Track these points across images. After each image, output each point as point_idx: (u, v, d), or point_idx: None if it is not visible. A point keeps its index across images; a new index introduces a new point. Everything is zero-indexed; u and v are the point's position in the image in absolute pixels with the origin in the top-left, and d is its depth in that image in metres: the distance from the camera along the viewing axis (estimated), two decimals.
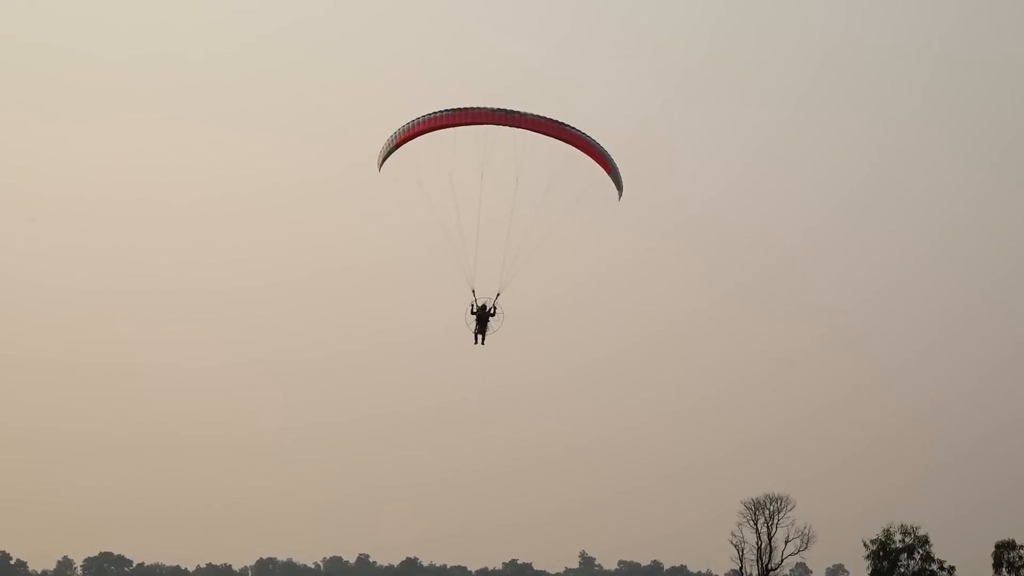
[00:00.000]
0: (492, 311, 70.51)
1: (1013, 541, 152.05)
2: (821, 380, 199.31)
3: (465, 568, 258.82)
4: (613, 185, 68.82)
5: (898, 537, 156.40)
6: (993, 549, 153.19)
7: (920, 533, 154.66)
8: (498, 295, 70.36)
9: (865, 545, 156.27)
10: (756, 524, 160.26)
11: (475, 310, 70.16)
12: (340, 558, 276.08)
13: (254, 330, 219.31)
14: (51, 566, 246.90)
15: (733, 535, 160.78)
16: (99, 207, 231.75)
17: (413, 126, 66.95)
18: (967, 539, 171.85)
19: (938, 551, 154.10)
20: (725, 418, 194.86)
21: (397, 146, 67.11)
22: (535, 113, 67.51)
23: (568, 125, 67.85)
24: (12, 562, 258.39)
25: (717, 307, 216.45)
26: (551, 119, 67.47)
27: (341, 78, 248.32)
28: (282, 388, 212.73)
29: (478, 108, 66.99)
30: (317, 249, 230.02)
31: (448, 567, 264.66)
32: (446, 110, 67.19)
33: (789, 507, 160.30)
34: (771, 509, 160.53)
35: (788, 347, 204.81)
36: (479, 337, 70.70)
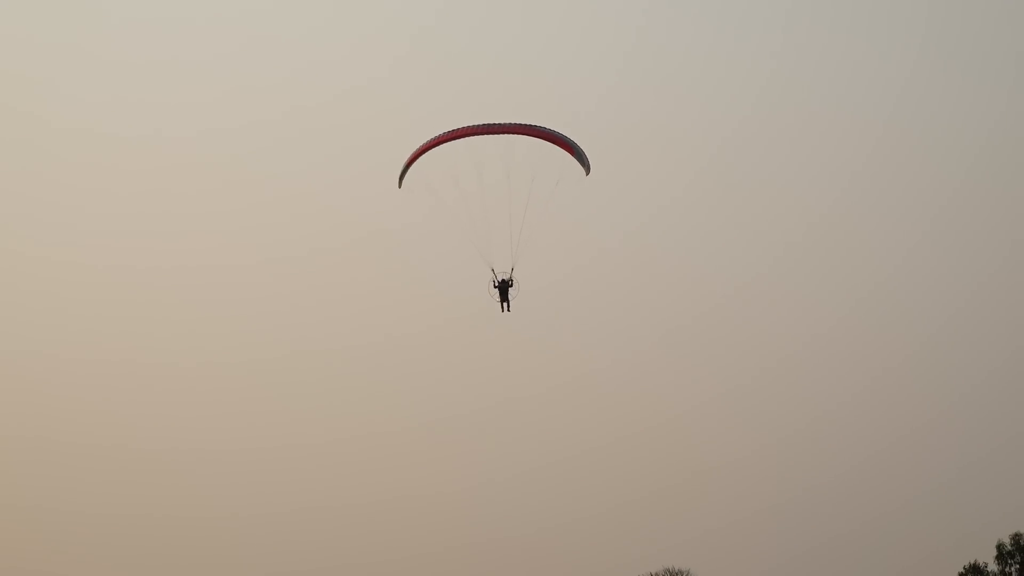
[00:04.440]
0: (510, 282, 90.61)
1: None
2: (721, 445, 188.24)
3: None
4: (580, 166, 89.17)
5: None
6: None
7: None
8: (512, 269, 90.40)
9: None
10: None
11: (496, 283, 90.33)
12: None
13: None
14: None
15: None
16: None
17: (417, 149, 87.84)
18: None
19: None
20: (618, 481, 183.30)
21: (407, 166, 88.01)
22: (511, 121, 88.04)
23: (536, 125, 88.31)
24: None
25: (628, 362, 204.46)
26: (522, 124, 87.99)
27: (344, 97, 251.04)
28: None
29: (465, 126, 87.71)
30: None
31: None
32: (443, 133, 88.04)
33: None
34: None
35: (690, 406, 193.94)
36: (504, 305, 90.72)
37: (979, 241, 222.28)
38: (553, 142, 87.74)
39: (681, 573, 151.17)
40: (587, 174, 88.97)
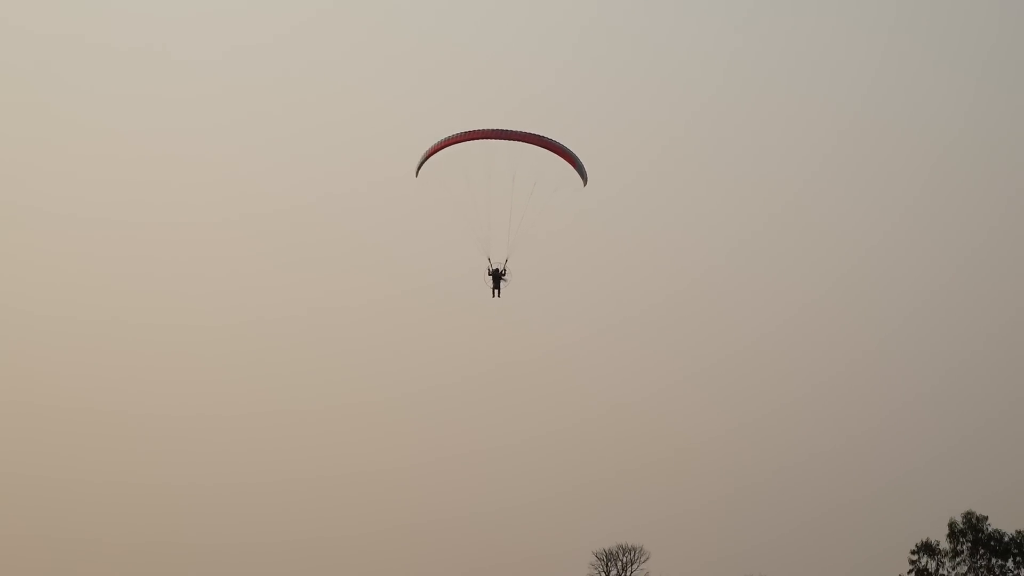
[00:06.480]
0: (503, 272, 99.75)
1: None
2: (677, 423, 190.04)
3: None
4: (579, 176, 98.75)
5: None
6: None
7: None
8: (507, 260, 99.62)
9: None
10: None
11: (490, 272, 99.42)
12: None
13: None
14: None
15: None
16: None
17: (436, 144, 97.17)
18: None
19: None
20: (573, 459, 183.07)
21: (425, 159, 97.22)
22: (522, 130, 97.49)
23: (545, 136, 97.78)
24: None
25: (582, 346, 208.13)
26: (532, 133, 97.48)
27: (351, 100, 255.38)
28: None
29: (482, 129, 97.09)
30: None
31: None
32: (461, 132, 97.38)
33: (643, 559, 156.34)
34: (624, 560, 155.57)
35: (645, 385, 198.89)
36: (495, 292, 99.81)
37: (941, 241, 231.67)
38: (558, 153, 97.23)
39: (634, 549, 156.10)
40: (584, 185, 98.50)
